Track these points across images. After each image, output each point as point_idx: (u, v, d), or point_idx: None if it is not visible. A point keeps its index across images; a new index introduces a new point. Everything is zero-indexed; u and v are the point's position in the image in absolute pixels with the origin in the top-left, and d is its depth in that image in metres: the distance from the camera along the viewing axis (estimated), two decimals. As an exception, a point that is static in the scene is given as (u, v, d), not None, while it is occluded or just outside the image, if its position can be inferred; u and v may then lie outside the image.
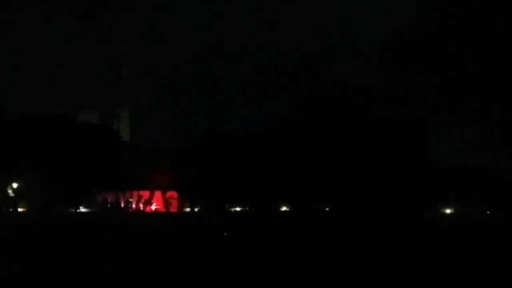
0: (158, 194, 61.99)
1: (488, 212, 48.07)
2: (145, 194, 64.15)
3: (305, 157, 64.09)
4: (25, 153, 57.46)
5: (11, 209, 57.94)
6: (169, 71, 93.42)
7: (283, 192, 46.17)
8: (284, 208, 57.80)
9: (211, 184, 61.99)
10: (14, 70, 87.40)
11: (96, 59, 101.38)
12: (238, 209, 62.16)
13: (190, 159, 65.13)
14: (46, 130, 61.23)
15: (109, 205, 56.78)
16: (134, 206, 59.62)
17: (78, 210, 58.84)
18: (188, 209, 63.47)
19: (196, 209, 63.87)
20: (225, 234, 35.41)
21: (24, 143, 58.19)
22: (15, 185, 59.52)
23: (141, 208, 59.14)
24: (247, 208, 61.43)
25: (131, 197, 59.24)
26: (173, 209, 61.09)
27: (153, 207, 64.54)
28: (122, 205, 60.35)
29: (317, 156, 63.60)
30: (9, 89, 76.78)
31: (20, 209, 58.31)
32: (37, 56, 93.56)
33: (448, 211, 53.11)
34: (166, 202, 61.15)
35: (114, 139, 71.34)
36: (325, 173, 59.38)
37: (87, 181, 59.32)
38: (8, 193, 59.30)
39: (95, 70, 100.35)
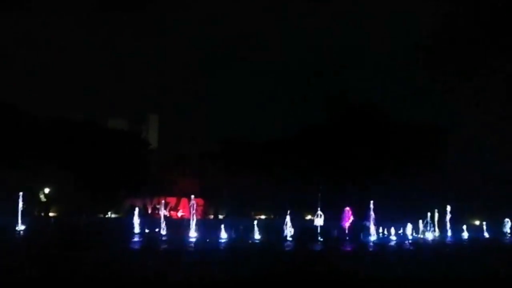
0: (184, 200, 62.79)
1: None
2: (172, 200, 65.11)
3: (328, 165, 64.10)
4: (57, 159, 58.90)
5: (42, 214, 59.41)
6: (192, 78, 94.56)
7: (308, 200, 46.40)
8: (309, 217, 57.85)
9: (236, 192, 62.50)
10: (45, 76, 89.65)
11: (125, 66, 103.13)
12: (263, 217, 62.50)
13: (215, 166, 65.82)
14: (76, 136, 62.65)
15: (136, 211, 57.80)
16: (160, 212, 60.56)
17: (107, 216, 60.04)
18: (211, 216, 64.08)
19: (220, 216, 64.40)
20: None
21: (55, 150, 59.66)
22: (46, 190, 61.03)
23: (168, 215, 60.01)
24: (272, 217, 61.69)
25: (158, 203, 60.19)
26: (198, 216, 61.81)
27: (179, 214, 65.37)
28: (149, 211, 61.37)
29: (342, 164, 63.56)
30: (39, 95, 78.68)
31: (51, 214, 59.76)
32: (66, 62, 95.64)
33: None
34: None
35: (142, 145, 72.54)
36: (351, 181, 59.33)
37: (115, 187, 60.51)
38: (40, 198, 60.84)
39: (124, 76, 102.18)
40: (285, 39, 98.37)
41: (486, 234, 44.33)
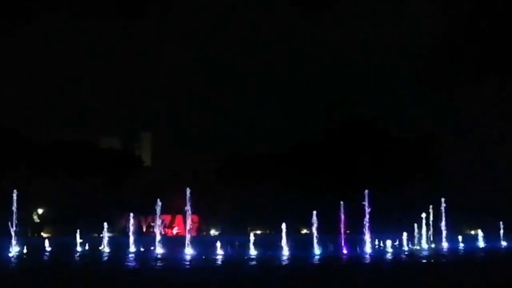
0: (179, 218, 62.48)
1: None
2: (167, 218, 64.76)
3: (323, 179, 64.13)
4: (50, 179, 58.61)
5: (36, 235, 58.91)
6: (188, 95, 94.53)
7: (303, 215, 46.35)
8: (304, 231, 57.77)
9: (232, 207, 62.34)
10: (36, 96, 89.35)
11: (118, 84, 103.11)
12: (258, 232, 62.27)
13: (211, 183, 65.66)
14: (69, 157, 62.45)
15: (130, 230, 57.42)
16: (155, 230, 60.14)
17: (101, 235, 59.56)
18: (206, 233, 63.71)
19: (216, 233, 64.06)
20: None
21: (48, 170, 59.40)
22: (40, 211, 60.61)
23: (163, 232, 59.62)
24: (268, 232, 61.50)
25: (153, 222, 59.85)
26: (193, 233, 61.52)
27: (174, 231, 65.02)
28: (144, 230, 60.99)
29: (335, 179, 63.60)
30: (33, 115, 78.32)
31: (44, 235, 59.26)
32: (58, 81, 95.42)
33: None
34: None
35: (136, 163, 72.37)
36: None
37: (109, 206, 60.17)
38: (34, 219, 60.36)
39: (117, 95, 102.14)
40: (282, 51, 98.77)
41: (482, 244, 44.43)
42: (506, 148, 66.29)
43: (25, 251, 35.18)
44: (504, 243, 44.69)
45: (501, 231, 45.87)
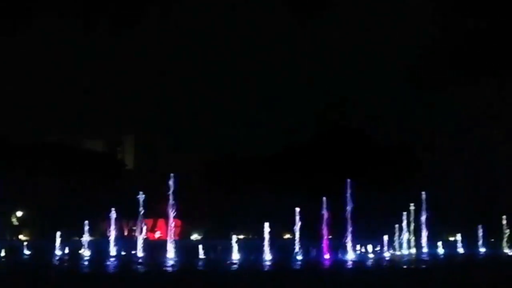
0: (161, 221, 62.08)
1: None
2: (149, 222, 64.26)
3: (306, 184, 64.30)
4: (29, 182, 57.82)
5: (14, 238, 58.05)
6: (170, 97, 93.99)
7: (287, 219, 46.42)
8: (287, 236, 57.81)
9: (214, 212, 62.16)
10: (18, 96, 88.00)
11: (101, 86, 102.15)
12: (241, 237, 62.18)
13: (194, 187, 65.43)
14: (50, 159, 61.72)
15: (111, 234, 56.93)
16: (137, 234, 59.73)
17: (82, 239, 58.89)
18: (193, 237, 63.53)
19: (198, 237, 63.79)
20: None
21: (28, 172, 58.58)
22: (19, 214, 59.76)
23: (145, 236, 59.19)
24: (250, 237, 61.42)
25: (134, 226, 59.39)
26: (175, 237, 61.21)
27: (156, 235, 64.58)
28: (126, 233, 60.49)
29: (321, 183, 63.80)
30: (13, 116, 77.11)
31: (23, 238, 58.43)
32: (41, 82, 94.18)
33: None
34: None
35: (118, 167, 71.78)
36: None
37: (90, 209, 59.56)
38: (12, 222, 59.50)
39: (100, 97, 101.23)
40: (281, 51, 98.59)
41: (461, 250, 44.91)
42: (491, 157, 67.28)
43: (2, 254, 34.61)
44: (482, 249, 45.27)
45: (480, 237, 46.47)
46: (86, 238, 40.19)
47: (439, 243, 44.93)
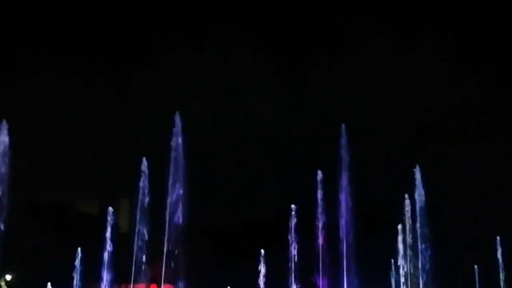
0: (153, 287, 60.55)
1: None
2: (141, 287, 62.60)
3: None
4: (21, 244, 56.86)
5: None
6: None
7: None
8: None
9: (205, 278, 60.71)
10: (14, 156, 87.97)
11: (98, 148, 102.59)
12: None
13: (185, 252, 64.28)
14: (43, 221, 61.13)
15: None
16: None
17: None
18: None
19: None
20: None
21: (20, 235, 57.74)
22: (8, 277, 58.44)
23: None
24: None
25: (127, 290, 57.85)
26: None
27: (148, 301, 62.67)
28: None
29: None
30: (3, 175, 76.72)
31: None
32: (37, 143, 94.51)
33: None
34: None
35: (112, 230, 70.83)
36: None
37: (82, 273, 58.28)
38: (1, 285, 58.11)
39: (97, 159, 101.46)
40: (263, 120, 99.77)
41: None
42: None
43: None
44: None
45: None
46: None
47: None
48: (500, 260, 54.66)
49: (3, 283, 58.50)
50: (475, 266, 60.98)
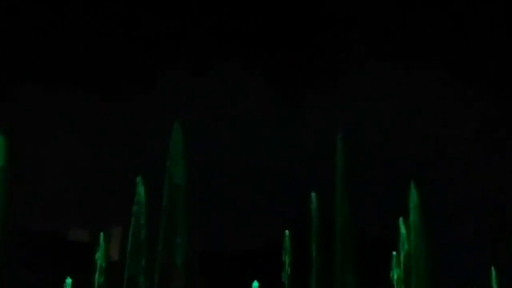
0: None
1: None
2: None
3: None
4: (6, 273, 55.75)
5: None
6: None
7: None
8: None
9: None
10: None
11: (90, 174, 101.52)
12: None
13: (181, 278, 63.19)
14: (34, 248, 60.16)
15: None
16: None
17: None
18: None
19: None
20: None
21: (5, 263, 56.69)
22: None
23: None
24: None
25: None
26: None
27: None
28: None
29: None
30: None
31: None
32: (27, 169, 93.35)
33: None
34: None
35: (103, 259, 69.73)
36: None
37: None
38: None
39: (88, 186, 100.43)
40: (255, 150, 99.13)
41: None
42: None
43: None
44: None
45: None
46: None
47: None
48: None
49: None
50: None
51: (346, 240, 68.33)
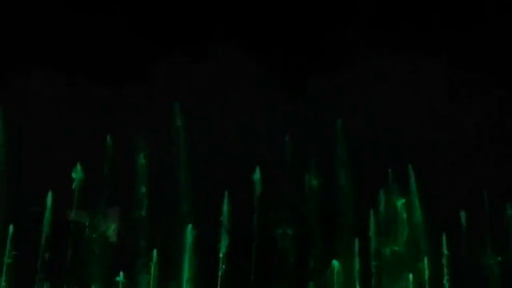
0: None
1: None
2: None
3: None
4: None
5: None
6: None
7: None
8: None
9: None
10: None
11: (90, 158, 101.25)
12: None
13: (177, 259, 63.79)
14: (32, 229, 60.59)
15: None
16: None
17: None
18: None
19: None
20: None
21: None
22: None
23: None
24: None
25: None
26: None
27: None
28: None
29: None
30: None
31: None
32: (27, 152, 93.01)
33: None
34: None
35: (100, 238, 70.51)
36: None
37: (70, 281, 57.85)
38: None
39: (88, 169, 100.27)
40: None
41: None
42: None
43: None
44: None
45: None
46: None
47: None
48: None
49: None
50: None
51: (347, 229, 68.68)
